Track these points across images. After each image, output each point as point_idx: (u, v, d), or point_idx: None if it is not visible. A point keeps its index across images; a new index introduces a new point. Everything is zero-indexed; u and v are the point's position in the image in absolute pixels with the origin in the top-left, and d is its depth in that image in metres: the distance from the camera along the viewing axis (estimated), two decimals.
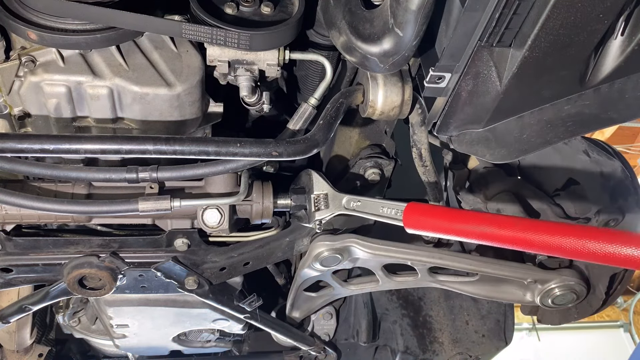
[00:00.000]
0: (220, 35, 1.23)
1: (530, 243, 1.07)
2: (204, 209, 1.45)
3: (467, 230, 1.17)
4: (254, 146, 1.28)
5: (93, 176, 1.32)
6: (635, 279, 7.69)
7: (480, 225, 1.14)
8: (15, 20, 1.21)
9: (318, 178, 1.56)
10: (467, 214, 1.22)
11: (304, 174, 1.60)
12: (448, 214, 1.22)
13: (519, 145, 1.33)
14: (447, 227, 1.21)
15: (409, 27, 1.09)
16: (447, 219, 1.22)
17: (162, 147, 1.24)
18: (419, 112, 1.49)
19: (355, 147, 1.80)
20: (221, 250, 1.63)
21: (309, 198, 1.56)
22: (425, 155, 1.59)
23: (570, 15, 1.01)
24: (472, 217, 1.18)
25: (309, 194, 1.56)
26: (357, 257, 1.66)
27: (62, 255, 1.54)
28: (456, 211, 1.23)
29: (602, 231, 0.98)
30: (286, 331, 2.03)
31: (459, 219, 1.20)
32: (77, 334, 2.23)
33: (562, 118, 1.29)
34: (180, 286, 1.65)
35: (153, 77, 1.30)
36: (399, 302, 2.32)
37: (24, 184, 1.42)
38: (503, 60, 1.15)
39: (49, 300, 1.70)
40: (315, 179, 1.57)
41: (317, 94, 1.39)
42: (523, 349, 7.43)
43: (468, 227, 1.17)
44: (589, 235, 0.98)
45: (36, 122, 1.36)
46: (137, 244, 1.57)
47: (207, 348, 2.40)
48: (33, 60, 1.26)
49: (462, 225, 1.19)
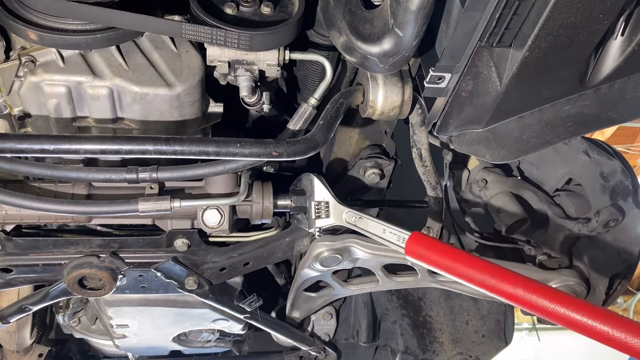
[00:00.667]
0: (220, 35, 1.23)
1: (529, 305, 1.09)
2: (204, 209, 1.45)
3: (469, 277, 1.18)
4: (254, 146, 1.28)
5: (93, 176, 1.32)
6: (635, 279, 7.70)
7: (483, 274, 1.15)
8: (15, 20, 1.21)
9: (320, 185, 1.54)
10: (471, 259, 1.20)
11: (304, 177, 1.60)
12: (452, 254, 1.22)
13: (519, 146, 1.33)
14: (448, 267, 1.21)
15: (409, 27, 1.09)
16: (450, 258, 1.21)
17: (162, 148, 1.24)
18: (419, 112, 1.49)
19: (355, 147, 1.80)
20: (221, 250, 1.63)
21: (310, 204, 1.55)
22: (425, 155, 1.59)
23: (571, 16, 1.01)
24: (477, 265, 1.17)
25: (310, 199, 1.55)
26: (357, 257, 1.66)
27: (62, 256, 1.54)
28: (460, 253, 1.22)
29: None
30: (286, 331, 2.03)
31: (462, 262, 1.19)
32: (77, 334, 2.23)
33: (562, 118, 1.30)
34: (180, 286, 1.65)
35: (153, 77, 1.30)
36: (399, 302, 2.32)
37: (24, 184, 1.42)
38: (503, 61, 1.15)
39: (49, 300, 1.70)
40: (316, 185, 1.55)
41: (317, 94, 1.39)
42: (523, 349, 7.43)
43: (471, 274, 1.18)
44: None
45: (36, 122, 1.36)
46: (137, 244, 1.56)
47: (207, 348, 2.40)
48: (33, 61, 1.26)
49: (464, 270, 1.19)
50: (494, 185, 1.92)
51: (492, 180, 1.92)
